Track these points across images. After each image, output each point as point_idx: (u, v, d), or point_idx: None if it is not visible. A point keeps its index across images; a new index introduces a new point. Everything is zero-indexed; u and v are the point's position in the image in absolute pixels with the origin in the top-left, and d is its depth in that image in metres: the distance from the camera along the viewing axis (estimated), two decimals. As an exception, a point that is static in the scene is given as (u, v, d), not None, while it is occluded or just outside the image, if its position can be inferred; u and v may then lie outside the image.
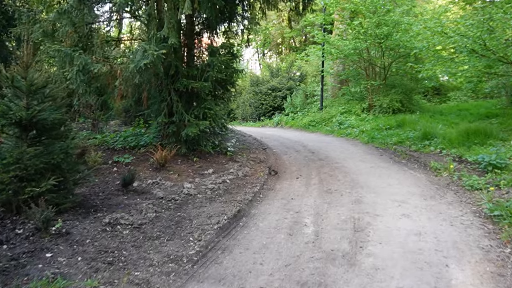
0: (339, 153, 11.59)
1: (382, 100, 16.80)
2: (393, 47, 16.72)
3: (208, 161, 9.10)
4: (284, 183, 8.17)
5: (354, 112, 18.16)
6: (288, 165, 9.96)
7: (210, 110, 8.56)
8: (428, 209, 6.35)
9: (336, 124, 17.21)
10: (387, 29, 15.56)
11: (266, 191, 7.44)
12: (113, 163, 8.44)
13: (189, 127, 8.43)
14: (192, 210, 6.00)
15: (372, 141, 13.13)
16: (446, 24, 11.57)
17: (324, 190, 7.55)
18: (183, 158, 8.96)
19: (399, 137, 12.45)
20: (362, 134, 14.38)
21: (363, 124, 16.02)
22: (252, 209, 6.37)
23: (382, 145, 12.33)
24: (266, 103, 26.80)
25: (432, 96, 23.47)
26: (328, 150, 12.20)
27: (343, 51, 17.54)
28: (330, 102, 21.19)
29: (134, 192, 6.69)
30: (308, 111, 21.91)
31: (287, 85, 26.64)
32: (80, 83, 7.38)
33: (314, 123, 19.07)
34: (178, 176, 7.74)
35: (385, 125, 14.37)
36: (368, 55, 17.85)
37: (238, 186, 7.48)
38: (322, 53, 19.22)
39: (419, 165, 9.54)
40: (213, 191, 6.94)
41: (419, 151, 10.79)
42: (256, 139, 14.45)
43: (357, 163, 10.04)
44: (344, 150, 12.24)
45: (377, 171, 9.11)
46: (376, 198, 6.95)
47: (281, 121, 22.73)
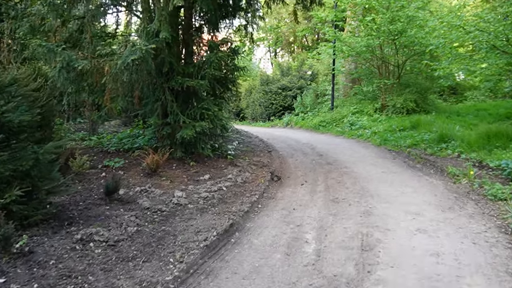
0: (349, 156, 10.87)
1: (395, 100, 16.01)
2: (408, 44, 15.91)
3: (206, 165, 8.45)
4: (287, 190, 7.49)
5: (366, 113, 17.38)
6: (294, 170, 9.27)
7: (208, 111, 7.90)
8: (446, 223, 5.62)
9: (347, 124, 16.46)
10: (401, 25, 14.77)
11: (266, 200, 6.77)
12: (103, 167, 7.84)
13: (184, 129, 7.79)
14: (178, 224, 5.35)
15: (385, 143, 12.38)
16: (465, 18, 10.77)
17: (330, 199, 6.86)
18: (178, 162, 8.33)
19: (413, 139, 11.68)
20: (374, 136, 13.62)
21: (375, 125, 15.26)
22: (248, 222, 5.69)
23: (395, 147, 11.57)
24: (276, 102, 26.12)
25: (448, 96, 22.56)
26: (338, 152, 11.48)
27: (355, 48, 16.77)
28: (342, 102, 20.42)
29: (118, 201, 6.06)
30: (319, 111, 21.18)
31: (297, 84, 25.92)
32: (64, 81, 6.77)
33: (324, 124, 18.33)
34: (170, 183, 7.11)
35: (399, 126, 13.59)
36: (381, 53, 17.06)
37: (235, 194, 6.81)
38: (333, 51, 18.47)
39: (435, 171, 8.80)
40: (206, 200, 6.28)
41: (435, 154, 10.03)
42: (262, 140, 13.79)
43: (367, 168, 9.32)
44: (354, 153, 11.51)
45: (389, 177, 8.38)
46: (387, 209, 6.24)
47: (290, 121, 22.02)
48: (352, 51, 16.86)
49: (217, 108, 8.11)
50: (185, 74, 7.82)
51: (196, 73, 7.76)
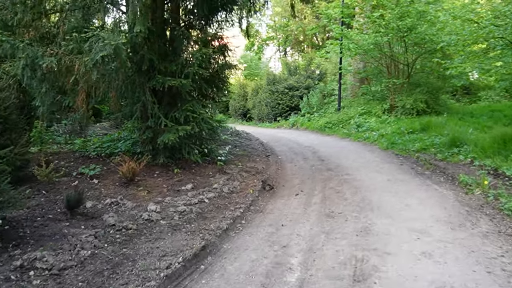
0: (353, 162, 10.07)
1: (405, 100, 15.15)
2: (418, 42, 15.02)
3: (193, 172, 7.73)
4: (279, 201, 6.74)
5: (374, 114, 16.53)
6: (290, 177, 8.51)
7: (193, 113, 7.18)
8: (456, 244, 4.83)
9: (354, 126, 15.63)
10: (410, 21, 13.89)
11: (252, 215, 6.01)
12: (78, 175, 7.15)
13: (167, 133, 7.07)
14: (143, 245, 4.62)
15: (392, 147, 11.55)
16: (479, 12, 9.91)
17: (325, 213, 6.09)
18: (162, 169, 7.62)
19: (423, 143, 10.84)
20: (381, 139, 12.80)
21: (383, 127, 14.41)
22: (225, 242, 4.95)
23: (403, 152, 10.74)
24: (283, 102, 25.30)
25: (461, 96, 21.55)
26: (341, 157, 10.68)
27: (362, 46, 15.92)
28: (349, 102, 19.58)
29: (82, 216, 5.35)
30: (325, 111, 20.35)
31: (305, 84, 25.07)
32: (30, 80, 6.08)
33: (330, 125, 17.51)
34: (147, 194, 6.39)
35: (408, 129, 12.74)
36: (390, 51, 16.19)
37: (217, 207, 6.06)
38: (340, 49, 17.64)
39: (445, 179, 7.99)
40: (182, 215, 5.55)
41: (446, 160, 9.20)
42: (262, 143, 13.04)
43: (371, 175, 8.53)
44: (359, 157, 10.71)
45: (394, 187, 7.59)
46: (389, 226, 5.45)
47: (296, 122, 21.24)
48: (359, 49, 16.01)
49: (204, 109, 7.37)
50: (168, 72, 7.10)
51: (179, 72, 7.03)
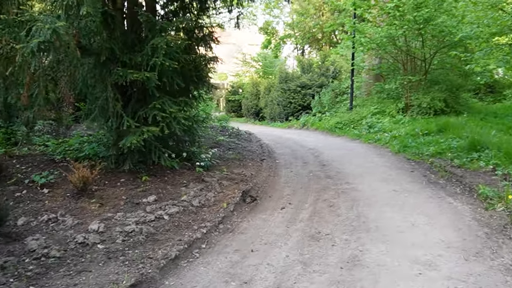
0: (357, 167, 8.91)
1: (421, 99, 13.86)
2: (436, 34, 13.70)
3: (164, 181, 6.68)
4: (258, 217, 5.65)
5: (388, 113, 15.27)
6: (282, 186, 7.42)
7: (162, 112, 6.14)
8: (470, 283, 3.70)
9: (365, 127, 14.42)
10: (427, 12, 12.60)
11: (219, 236, 4.93)
12: (30, 183, 6.17)
13: (131, 135, 6.04)
14: (58, 281, 3.57)
15: (404, 150, 10.34)
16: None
17: (310, 234, 4.99)
18: (129, 176, 6.59)
19: (438, 146, 9.62)
20: (393, 141, 11.58)
21: (396, 127, 13.18)
22: (169, 276, 3.86)
23: (415, 156, 9.53)
24: (295, 101, 24.10)
25: (484, 94, 19.98)
26: (344, 162, 9.53)
27: (374, 40, 14.67)
28: (362, 101, 18.32)
29: (3, 237, 4.35)
30: (337, 111, 19.14)
31: (318, 82, 23.81)
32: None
33: (341, 126, 16.30)
34: (99, 207, 5.37)
35: (423, 130, 11.50)
36: (406, 45, 14.90)
37: (177, 226, 5.00)
38: (352, 44, 16.41)
39: (462, 190, 6.81)
40: (129, 237, 4.50)
41: (463, 167, 7.99)
42: (262, 145, 11.95)
43: (375, 184, 7.38)
44: (365, 162, 9.54)
45: (401, 199, 6.43)
46: (385, 255, 4.32)
47: (307, 122, 20.07)
48: (372, 43, 14.75)
49: (176, 108, 6.31)
50: (133, 65, 6.08)
51: (145, 64, 6.00)
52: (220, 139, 11.41)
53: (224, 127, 13.92)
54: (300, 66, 27.03)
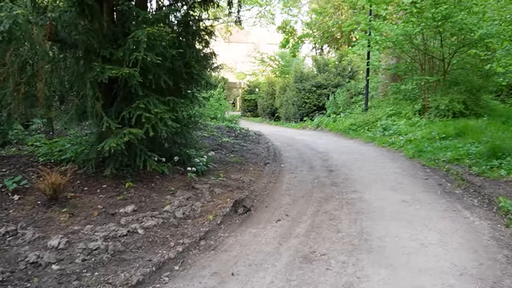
0: (366, 174, 8.26)
1: (439, 101, 13.07)
2: (455, 32, 12.90)
3: (150, 187, 6.13)
4: (248, 232, 5.05)
5: (404, 115, 14.51)
6: (282, 194, 6.81)
7: (147, 112, 5.58)
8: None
9: (380, 129, 13.69)
10: (446, 8, 11.82)
11: (198, 254, 4.34)
12: (3, 188, 5.66)
13: (111, 138, 5.50)
14: (-9, 314, 3.06)
15: (419, 155, 9.63)
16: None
17: (303, 254, 4.38)
18: (112, 182, 6.05)
19: (456, 152, 8.90)
20: (408, 145, 10.87)
21: (412, 130, 12.44)
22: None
23: (431, 162, 8.83)
24: (310, 101, 23.40)
25: (506, 96, 18.98)
26: (354, 168, 8.87)
27: (390, 38, 13.92)
28: (378, 102, 17.55)
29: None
30: (352, 112, 18.41)
31: (334, 82, 23.07)
32: None
33: (355, 127, 15.59)
34: (69, 218, 4.83)
35: (440, 134, 10.76)
36: (424, 43, 14.12)
37: (152, 242, 4.42)
38: (367, 42, 15.67)
39: (480, 202, 6.14)
40: (91, 255, 3.95)
41: (482, 175, 7.29)
42: (269, 148, 11.33)
43: (384, 194, 6.72)
44: (376, 168, 8.87)
45: (410, 212, 5.77)
46: (385, 285, 3.69)
47: (321, 123, 19.41)
48: (387, 41, 14.00)
49: (163, 108, 5.74)
50: (114, 60, 5.54)
51: (127, 59, 5.46)
52: (224, 140, 10.84)
53: (232, 128, 13.35)
54: (316, 66, 26.30)
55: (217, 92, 24.71)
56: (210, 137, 11.05)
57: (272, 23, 46.70)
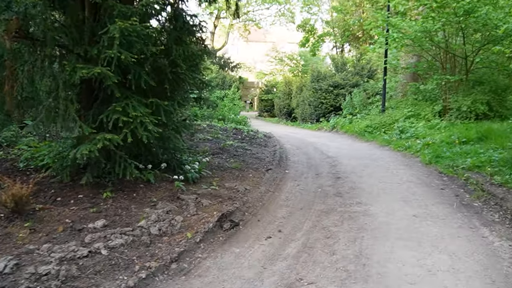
0: (376, 181, 7.58)
1: (461, 102, 12.25)
2: (478, 28, 12.05)
3: (131, 198, 5.57)
4: (231, 252, 4.44)
5: (423, 117, 13.71)
6: (279, 205, 6.18)
7: (125, 115, 5.03)
8: None
9: (397, 132, 12.92)
10: (468, 2, 11.00)
11: (163, 282, 3.73)
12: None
13: (85, 144, 4.96)
14: None
15: (437, 161, 8.89)
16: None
17: (287, 283, 3.75)
18: (90, 191, 5.51)
19: (477, 158, 8.14)
20: (425, 149, 10.11)
21: (431, 133, 11.66)
22: None
23: (449, 169, 8.09)
24: (326, 102, 22.66)
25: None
26: (364, 175, 8.19)
27: (408, 35, 13.12)
28: (396, 103, 16.73)
29: None
30: (369, 113, 17.63)
31: (352, 81, 22.27)
32: None
33: (370, 129, 14.83)
34: (29, 235, 4.29)
35: (460, 137, 9.98)
36: (445, 41, 13.28)
37: (113, 265, 3.82)
38: (385, 40, 14.90)
39: (502, 217, 5.46)
40: (38, 282, 3.37)
41: (506, 185, 6.55)
42: (276, 151, 10.69)
43: (393, 206, 6.04)
44: (388, 175, 8.17)
45: (420, 229, 5.10)
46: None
47: (337, 124, 18.67)
48: (405, 38, 13.20)
49: (147, 111, 5.18)
50: (88, 58, 5.01)
51: (103, 57, 4.91)
52: (228, 143, 10.26)
53: (240, 130, 12.76)
54: (333, 65, 25.51)
55: (231, 92, 24.21)
56: (213, 140, 10.49)
57: (291, 22, 46.10)
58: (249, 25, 47.99)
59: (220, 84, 26.08)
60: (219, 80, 26.40)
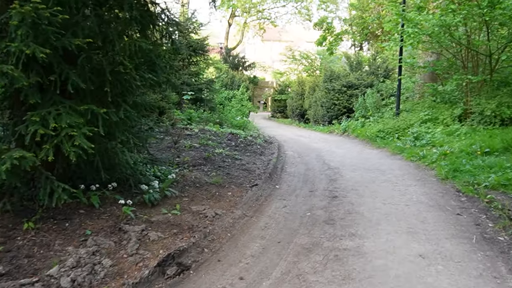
0: (380, 203, 6.32)
1: (484, 105, 10.85)
2: (505, 22, 10.63)
3: (62, 229, 4.40)
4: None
5: (441, 121, 12.33)
6: (252, 237, 4.99)
7: (44, 127, 3.91)
8: None
9: (411, 138, 11.57)
10: (494, -9, 9.63)
11: None
12: None
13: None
14: None
15: (454, 175, 7.59)
16: None
17: None
18: (12, 220, 4.38)
19: (503, 174, 6.85)
20: (442, 160, 8.80)
21: (449, 141, 10.32)
22: None
23: (468, 188, 6.80)
24: (339, 103, 21.28)
25: None
26: (366, 193, 6.93)
27: (425, 30, 11.75)
28: (412, 105, 15.31)
29: None
30: (382, 115, 16.26)
31: (366, 81, 20.86)
32: None
33: (383, 134, 13.50)
34: None
35: (483, 147, 8.65)
36: (466, 36, 11.88)
37: None
38: (400, 36, 13.55)
39: (536, 262, 4.16)
40: None
41: (540, 213, 5.25)
42: (271, 161, 9.46)
43: (395, 241, 4.80)
44: (395, 193, 6.91)
45: (427, 279, 3.87)
46: None
47: (348, 128, 17.36)
48: (422, 33, 11.83)
49: (77, 120, 4.04)
50: None
51: (12, 52, 3.81)
52: (217, 152, 9.08)
53: (236, 135, 11.57)
54: (348, 64, 24.10)
55: (239, 92, 23.04)
56: (201, 148, 9.31)
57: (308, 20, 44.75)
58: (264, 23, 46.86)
59: (229, 84, 24.86)
60: (228, 80, 25.18)
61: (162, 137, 9.57)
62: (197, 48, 16.63)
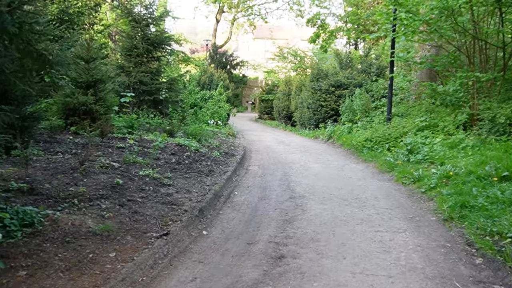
0: (348, 274, 3.95)
1: (496, 110, 8.53)
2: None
3: None
4: None
5: (441, 129, 10.00)
6: None
7: None
8: None
9: (404, 151, 9.21)
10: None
11: None
12: None
13: None
14: None
15: (462, 215, 5.30)
16: None
17: None
18: None
19: (536, 219, 4.51)
20: (443, 186, 6.50)
21: (453, 156, 8.02)
22: None
23: (485, 240, 4.49)
24: (326, 105, 19.01)
25: None
26: (330, 249, 4.57)
27: (421, 16, 9.39)
28: (406, 109, 12.96)
29: None
30: (372, 120, 13.92)
31: (357, 80, 18.58)
32: None
33: (371, 144, 11.16)
34: None
35: (500, 168, 6.32)
36: (473, 23, 9.53)
37: None
38: (392, 25, 11.21)
39: None
40: None
41: None
42: (211, 188, 7.10)
43: None
44: (376, 250, 4.55)
45: None
46: None
47: (333, 134, 15.05)
48: (417, 20, 9.45)
49: None
50: None
51: None
52: (141, 174, 6.70)
53: (184, 147, 9.18)
54: (337, 61, 21.75)
55: (216, 93, 20.69)
56: (120, 168, 6.92)
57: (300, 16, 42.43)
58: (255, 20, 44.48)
59: (207, 84, 22.49)
60: (206, 79, 22.82)
61: (74, 152, 7.23)
62: (157, 42, 14.35)
